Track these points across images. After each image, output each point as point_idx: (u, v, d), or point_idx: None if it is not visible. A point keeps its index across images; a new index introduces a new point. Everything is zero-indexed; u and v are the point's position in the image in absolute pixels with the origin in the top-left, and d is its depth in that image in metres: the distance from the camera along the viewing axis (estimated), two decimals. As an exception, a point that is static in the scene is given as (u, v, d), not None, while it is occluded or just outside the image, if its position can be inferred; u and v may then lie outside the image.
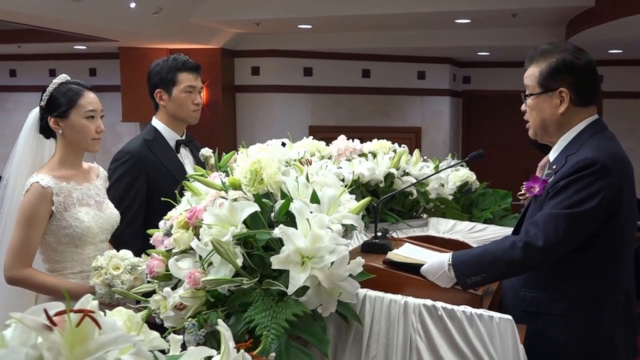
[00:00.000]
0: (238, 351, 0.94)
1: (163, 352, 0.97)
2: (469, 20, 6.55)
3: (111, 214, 2.44)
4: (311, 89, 7.95)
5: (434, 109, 8.40)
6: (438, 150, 7.83)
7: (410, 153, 2.88)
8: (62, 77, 2.39)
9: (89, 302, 0.78)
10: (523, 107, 2.10)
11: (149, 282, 1.76)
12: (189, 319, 1.43)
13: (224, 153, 2.37)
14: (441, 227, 2.78)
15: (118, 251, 2.04)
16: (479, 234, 2.69)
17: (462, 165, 3.90)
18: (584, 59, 2.01)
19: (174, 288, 1.58)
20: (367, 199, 1.66)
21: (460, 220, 2.89)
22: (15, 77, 8.83)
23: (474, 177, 3.71)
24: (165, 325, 1.59)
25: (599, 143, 1.96)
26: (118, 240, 2.47)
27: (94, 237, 2.35)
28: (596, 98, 2.05)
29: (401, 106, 8.33)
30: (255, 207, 1.51)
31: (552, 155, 2.07)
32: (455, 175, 3.62)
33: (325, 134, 2.96)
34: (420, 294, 1.68)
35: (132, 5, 5.42)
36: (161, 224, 1.84)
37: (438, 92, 8.39)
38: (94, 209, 2.38)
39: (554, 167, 1.99)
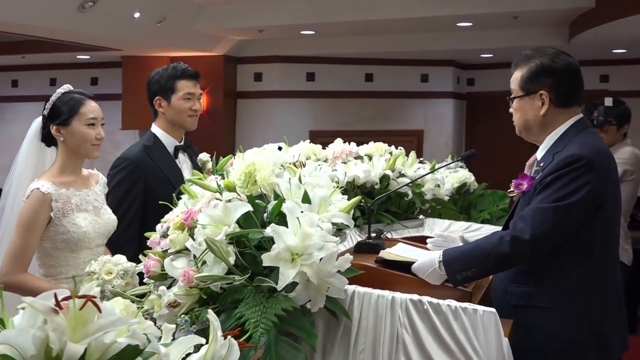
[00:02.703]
0: (225, 338, 1.00)
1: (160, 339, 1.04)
2: (470, 23, 6.61)
3: (108, 219, 2.51)
4: (313, 94, 8.01)
5: (437, 111, 8.42)
6: (441, 152, 7.84)
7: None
8: (65, 87, 2.47)
9: (92, 288, 0.87)
10: (511, 110, 2.18)
11: (144, 283, 1.82)
12: (182, 316, 1.50)
13: (221, 157, 2.44)
14: (437, 227, 2.82)
15: (113, 255, 2.10)
16: (474, 233, 2.74)
17: (461, 167, 3.96)
18: (562, 62, 2.08)
19: (169, 288, 1.65)
20: (357, 198, 1.72)
21: (456, 221, 2.95)
22: (16, 88, 8.91)
23: (472, 178, 3.76)
24: (157, 324, 1.65)
25: (584, 140, 2.03)
26: (114, 245, 2.54)
27: (90, 241, 2.42)
28: (579, 98, 2.13)
29: (404, 109, 8.36)
30: (248, 207, 1.58)
31: (539, 154, 2.14)
32: (454, 177, 3.67)
33: (326, 139, 3.00)
34: (411, 291, 1.73)
35: (137, 15, 5.52)
36: (158, 227, 1.91)
37: (441, 95, 8.41)
38: (92, 214, 2.45)
39: (542, 164, 2.07)
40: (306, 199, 1.66)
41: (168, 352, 0.97)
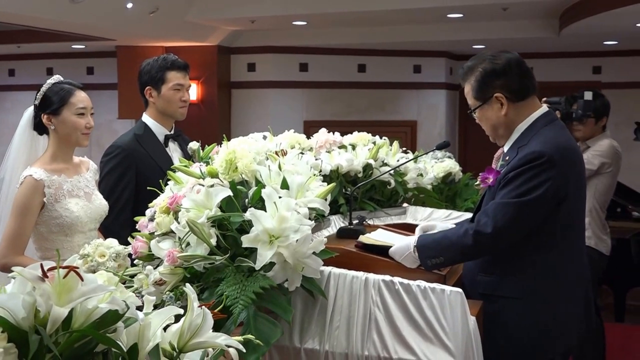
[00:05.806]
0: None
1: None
2: (461, 15, 6.67)
3: (99, 205, 2.61)
4: (307, 84, 8.06)
5: (430, 102, 8.46)
6: (435, 143, 7.86)
7: (406, 146, 3.00)
8: (56, 78, 2.57)
9: (75, 261, 0.98)
10: (477, 121, 2.25)
11: (134, 265, 1.92)
12: (167, 293, 1.60)
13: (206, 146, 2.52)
14: (419, 215, 2.92)
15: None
16: (455, 221, 2.83)
17: (449, 157, 4.06)
18: (502, 60, 2.14)
19: (156, 268, 1.75)
20: (332, 185, 1.82)
21: (438, 209, 3.04)
22: (13, 77, 8.98)
23: (458, 167, 3.85)
24: None
25: (548, 135, 2.09)
26: (108, 230, 2.63)
27: (83, 226, 2.53)
28: (533, 87, 2.18)
29: (397, 100, 8.41)
30: (228, 192, 1.68)
31: (506, 147, 2.20)
32: (439, 166, 3.77)
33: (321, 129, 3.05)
34: (388, 274, 1.83)
35: (129, 5, 5.58)
36: (147, 211, 2.00)
37: (434, 86, 8.42)
38: (83, 200, 2.55)
39: (507, 158, 2.13)
40: (285, 185, 1.75)
41: (149, 320, 1.07)
